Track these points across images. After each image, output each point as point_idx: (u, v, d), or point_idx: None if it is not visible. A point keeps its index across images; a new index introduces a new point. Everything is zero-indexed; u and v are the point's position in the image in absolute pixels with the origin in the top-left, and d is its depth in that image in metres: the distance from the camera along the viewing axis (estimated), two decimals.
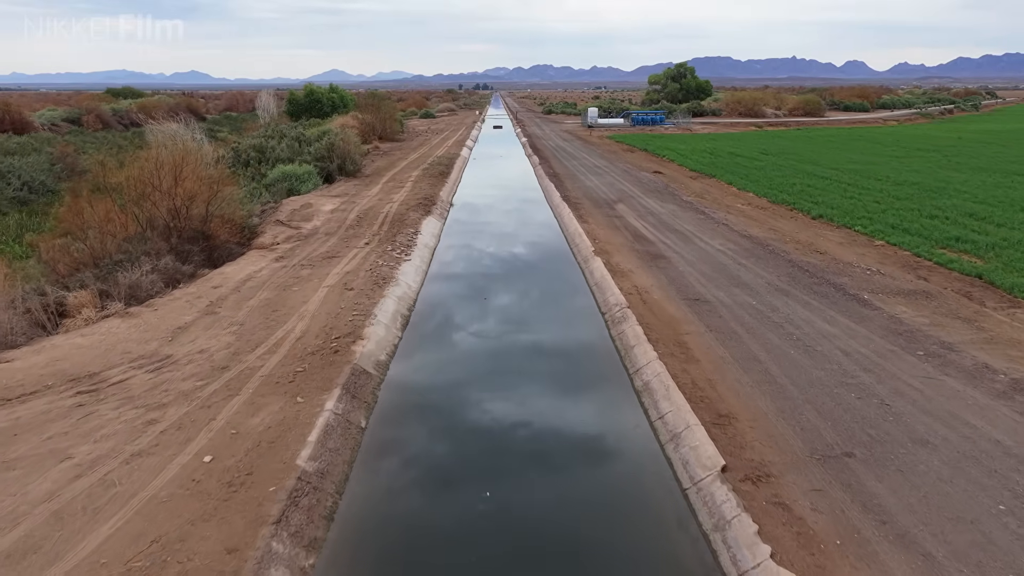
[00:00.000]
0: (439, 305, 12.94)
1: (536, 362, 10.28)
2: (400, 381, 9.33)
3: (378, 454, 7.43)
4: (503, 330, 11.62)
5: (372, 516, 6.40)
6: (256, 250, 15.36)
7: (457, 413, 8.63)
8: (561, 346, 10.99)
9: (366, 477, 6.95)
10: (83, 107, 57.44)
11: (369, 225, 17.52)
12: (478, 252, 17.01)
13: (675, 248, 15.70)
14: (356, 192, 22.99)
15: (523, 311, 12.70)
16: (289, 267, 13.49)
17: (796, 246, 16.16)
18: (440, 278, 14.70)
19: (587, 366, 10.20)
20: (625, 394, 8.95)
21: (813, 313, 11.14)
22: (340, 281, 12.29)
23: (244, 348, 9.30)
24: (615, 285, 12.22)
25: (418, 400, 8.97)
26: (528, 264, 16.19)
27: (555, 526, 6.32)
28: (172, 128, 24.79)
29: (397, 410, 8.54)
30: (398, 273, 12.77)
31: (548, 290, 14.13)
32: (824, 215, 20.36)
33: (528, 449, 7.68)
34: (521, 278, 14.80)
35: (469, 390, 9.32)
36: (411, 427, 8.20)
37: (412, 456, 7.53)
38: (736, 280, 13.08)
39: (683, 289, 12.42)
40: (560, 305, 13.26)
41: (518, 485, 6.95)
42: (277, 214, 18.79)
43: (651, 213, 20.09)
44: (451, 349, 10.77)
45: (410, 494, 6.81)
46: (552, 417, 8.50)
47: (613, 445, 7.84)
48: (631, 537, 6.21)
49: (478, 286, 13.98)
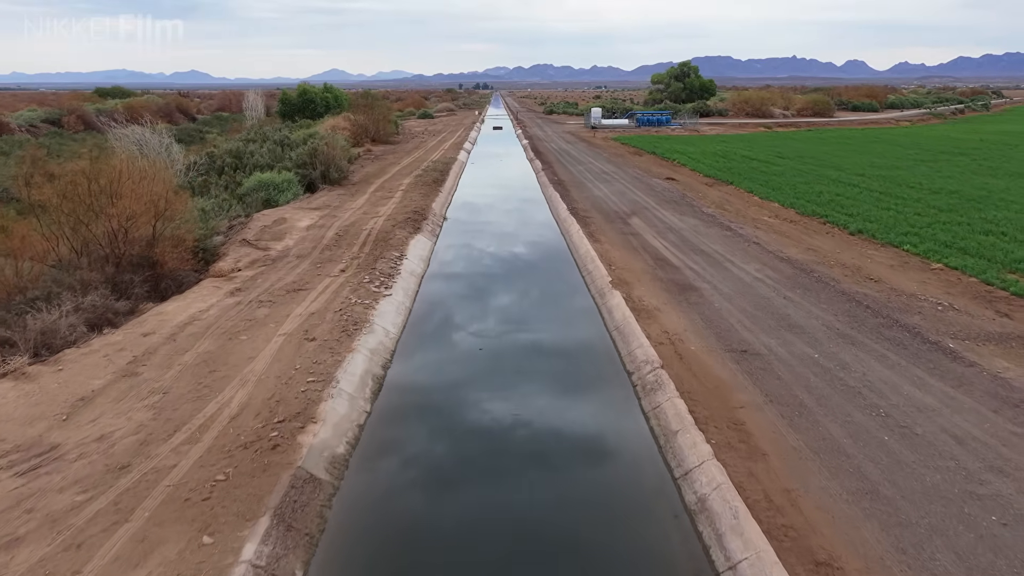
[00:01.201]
0: (422, 361, 10.21)
1: (547, 456, 7.58)
2: (363, 490, 6.73)
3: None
4: (502, 399, 8.95)
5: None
6: (212, 278, 13.03)
7: (445, 549, 6.04)
8: (579, 428, 8.23)
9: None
10: (65, 108, 55.09)
11: (348, 246, 15.18)
12: (472, 281, 14.53)
13: (705, 275, 13.35)
14: (339, 204, 20.64)
15: (528, 369, 10.01)
16: (244, 304, 11.15)
17: (844, 271, 13.83)
18: (426, 319, 12.09)
19: (616, 465, 7.46)
20: (670, 512, 6.42)
21: (894, 372, 8.80)
22: (301, 326, 9.94)
23: (158, 434, 6.97)
24: (641, 332, 9.86)
25: (386, 522, 6.34)
26: (533, 299, 13.58)
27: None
28: (137, 132, 22.47)
29: (355, 543, 6.01)
30: (374, 315, 10.40)
31: (557, 338, 11.29)
32: (864, 230, 18.04)
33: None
34: (524, 319, 12.27)
35: (460, 507, 6.67)
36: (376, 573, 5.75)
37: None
38: (786, 321, 10.75)
39: (724, 335, 10.08)
40: (573, 361, 10.36)
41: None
42: (245, 231, 16.47)
43: (671, 229, 17.74)
44: (435, 434, 8.02)
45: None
46: (568, 551, 5.99)
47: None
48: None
49: (472, 330, 11.55)
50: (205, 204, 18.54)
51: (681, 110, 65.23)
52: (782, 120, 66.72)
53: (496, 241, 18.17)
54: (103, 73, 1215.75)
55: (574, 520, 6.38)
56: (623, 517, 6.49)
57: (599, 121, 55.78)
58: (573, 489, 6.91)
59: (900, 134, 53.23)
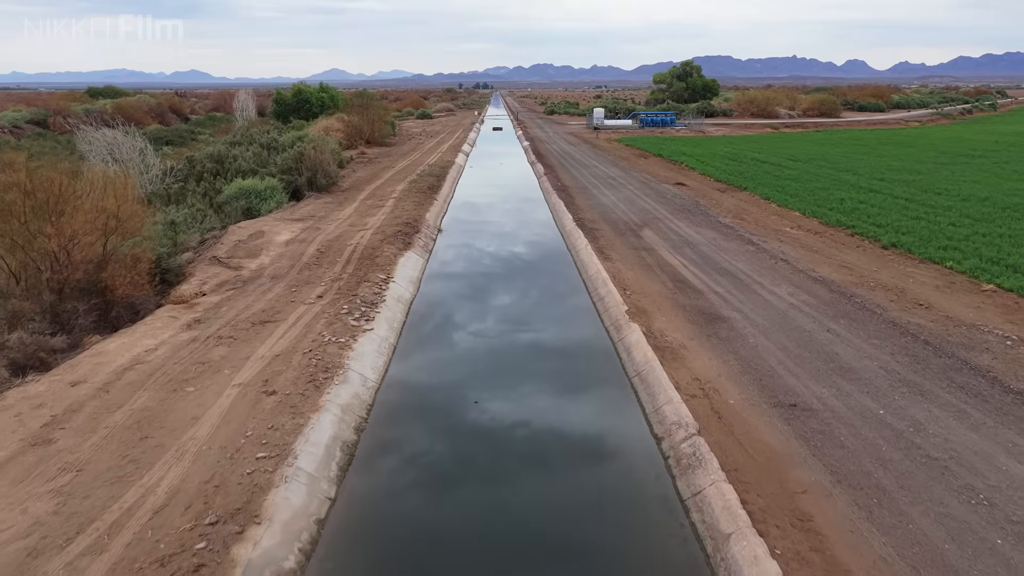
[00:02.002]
0: (405, 421, 8.32)
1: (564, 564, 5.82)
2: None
3: None
4: (503, 484, 7.06)
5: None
6: (172, 305, 11.41)
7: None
8: (600, 530, 6.25)
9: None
10: (51, 108, 53.41)
11: (330, 265, 13.55)
12: (468, 308, 12.83)
13: (733, 301, 11.73)
14: (325, 214, 19.00)
15: (534, 434, 8.14)
16: (201, 341, 9.52)
17: (887, 295, 12.21)
18: (412, 359, 10.21)
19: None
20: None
21: (981, 436, 7.19)
22: (262, 373, 8.31)
23: (56, 537, 5.36)
24: (668, 380, 8.23)
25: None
26: (537, 332, 11.59)
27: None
28: (109, 135, 20.84)
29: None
30: (349, 357, 8.75)
31: (567, 388, 9.36)
32: (897, 243, 16.44)
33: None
34: (528, 360, 10.41)
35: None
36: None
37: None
38: (835, 362, 9.12)
39: (767, 381, 8.46)
40: (587, 421, 8.41)
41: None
42: (217, 246, 14.84)
43: (687, 243, 16.12)
44: (419, 533, 6.19)
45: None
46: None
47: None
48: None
49: (467, 373, 9.82)
50: (177, 215, 16.92)
51: (685, 110, 63.63)
52: (788, 121, 65.15)
53: (495, 257, 16.52)
54: (103, 73, 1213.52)
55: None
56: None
57: (602, 122, 54.14)
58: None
59: (912, 135, 51.62)
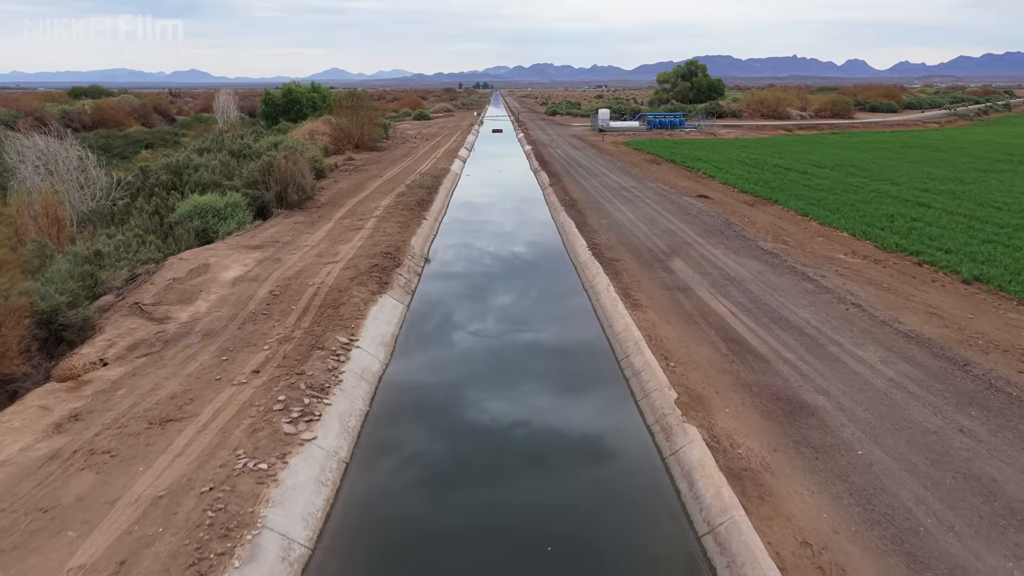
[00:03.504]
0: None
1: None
2: None
3: None
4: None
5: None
6: (53, 384, 8.39)
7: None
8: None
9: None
10: (24, 109, 50.34)
11: (281, 316, 10.51)
12: (457, 384, 9.56)
13: (813, 376, 8.69)
14: (291, 238, 15.94)
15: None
16: (65, 458, 6.49)
17: (1008, 361, 9.21)
18: (374, 484, 6.84)
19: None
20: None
21: None
22: (120, 543, 5.26)
23: None
24: (764, 549, 5.21)
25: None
26: (548, 440, 7.90)
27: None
28: (40, 144, 17.78)
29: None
30: (269, 502, 5.65)
31: (605, 550, 5.98)
32: (981, 277, 13.50)
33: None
34: (537, 492, 6.87)
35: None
36: None
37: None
38: (998, 497, 6.09)
39: (913, 546, 5.43)
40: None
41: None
42: (145, 287, 11.80)
43: (730, 279, 13.09)
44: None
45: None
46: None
47: None
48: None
49: (449, 513, 6.55)
50: (106, 244, 13.88)
51: (693, 111, 60.66)
52: (801, 122, 62.19)
53: (494, 302, 13.38)
54: (103, 72, 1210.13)
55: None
56: None
57: (607, 123, 51.12)
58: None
59: (936, 138, 48.64)
